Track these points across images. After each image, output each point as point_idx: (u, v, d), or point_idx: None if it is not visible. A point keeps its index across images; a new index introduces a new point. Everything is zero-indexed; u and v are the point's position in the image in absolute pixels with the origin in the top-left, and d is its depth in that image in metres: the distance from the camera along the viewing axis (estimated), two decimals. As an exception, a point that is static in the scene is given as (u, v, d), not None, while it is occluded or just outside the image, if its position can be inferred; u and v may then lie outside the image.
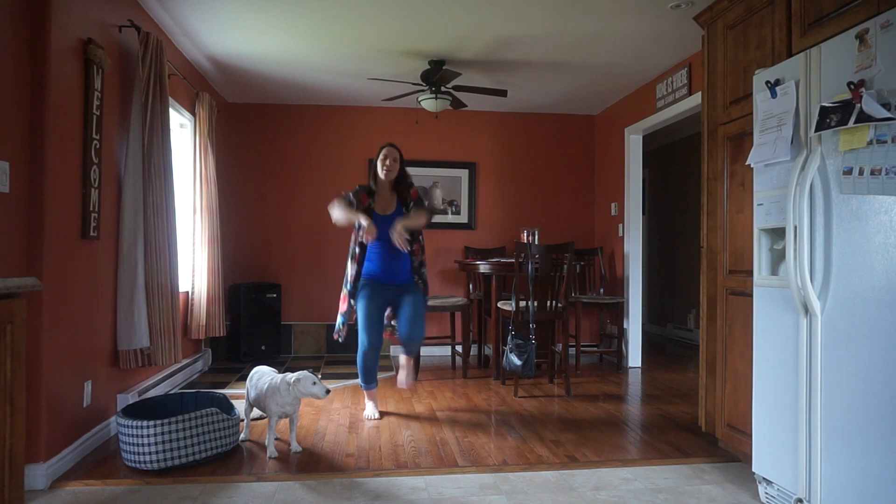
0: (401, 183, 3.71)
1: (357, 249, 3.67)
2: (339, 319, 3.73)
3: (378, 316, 3.58)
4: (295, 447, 3.02)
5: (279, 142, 5.98)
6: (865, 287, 1.93)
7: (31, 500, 2.44)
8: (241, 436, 3.12)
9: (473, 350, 5.71)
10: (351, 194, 3.65)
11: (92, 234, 2.95)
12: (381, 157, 3.64)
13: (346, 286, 3.70)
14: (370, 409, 3.69)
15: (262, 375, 3.10)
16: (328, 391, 2.97)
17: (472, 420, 3.64)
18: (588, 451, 3.06)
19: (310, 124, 6.02)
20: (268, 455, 2.91)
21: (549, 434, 3.35)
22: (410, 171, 5.99)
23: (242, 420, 3.29)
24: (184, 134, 4.72)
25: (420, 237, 3.73)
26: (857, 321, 1.96)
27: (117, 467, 2.77)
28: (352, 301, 3.68)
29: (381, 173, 3.64)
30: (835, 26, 2.22)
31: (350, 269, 3.67)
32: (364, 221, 3.45)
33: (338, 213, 3.53)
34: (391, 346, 6.02)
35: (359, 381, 3.74)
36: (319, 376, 4.83)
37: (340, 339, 3.74)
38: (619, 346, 5.37)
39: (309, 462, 2.88)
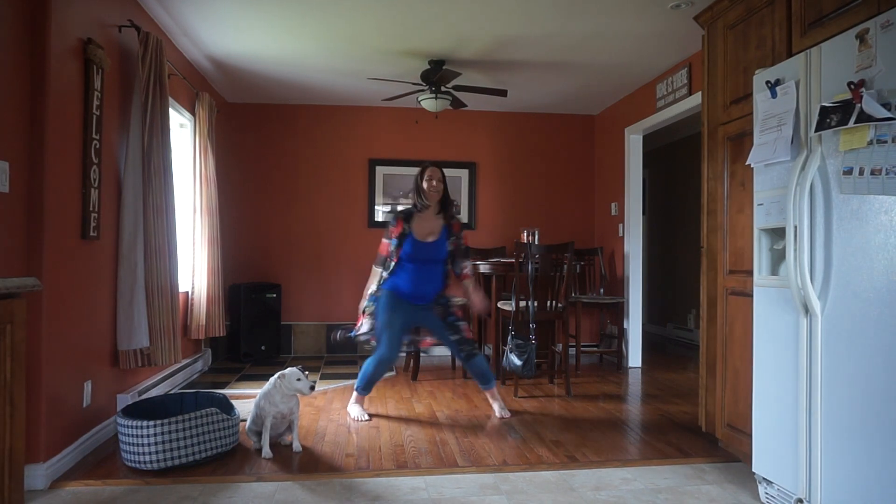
0: (446, 206, 3.65)
1: (391, 264, 3.59)
2: (361, 329, 3.65)
3: (401, 332, 3.57)
4: (296, 447, 3.02)
5: (279, 142, 5.98)
6: (865, 287, 1.93)
7: (31, 500, 2.44)
8: (265, 452, 2.91)
9: (473, 350, 5.70)
10: (389, 226, 3.61)
11: (92, 234, 2.95)
12: (425, 177, 3.58)
13: (369, 301, 3.64)
14: (357, 411, 3.65)
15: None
16: (313, 387, 2.97)
17: (472, 420, 3.63)
18: (588, 451, 3.06)
19: (310, 124, 6.02)
20: (262, 456, 2.91)
21: (549, 434, 3.35)
22: (410, 171, 6.07)
23: (244, 424, 3.28)
24: (184, 134, 4.72)
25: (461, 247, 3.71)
26: (857, 321, 1.96)
27: (117, 467, 2.77)
28: (373, 316, 3.62)
29: (427, 196, 3.57)
30: (835, 26, 2.22)
31: (374, 286, 3.64)
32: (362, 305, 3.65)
33: (365, 294, 3.64)
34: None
35: (356, 383, 3.68)
36: (319, 376, 4.85)
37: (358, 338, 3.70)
38: (619, 346, 5.37)
39: (309, 462, 2.88)
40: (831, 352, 2.07)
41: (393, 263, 3.58)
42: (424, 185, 3.58)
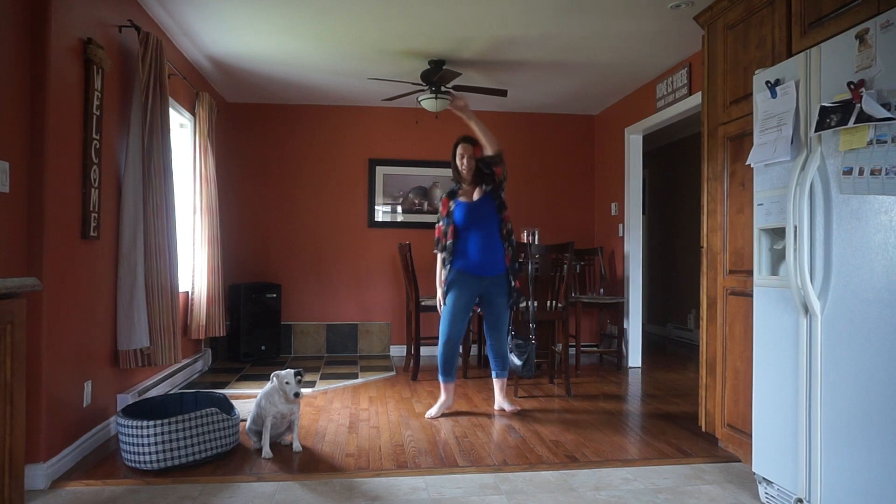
0: (481, 172, 3.71)
1: (450, 244, 3.65)
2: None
3: (464, 311, 3.63)
4: (296, 447, 3.02)
5: (279, 142, 5.98)
6: (865, 287, 1.93)
7: (31, 500, 2.44)
8: (265, 452, 2.91)
9: (473, 350, 5.71)
10: (439, 210, 3.77)
11: (92, 234, 2.95)
12: (457, 154, 3.69)
13: (440, 288, 3.72)
14: (435, 407, 3.71)
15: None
16: (297, 394, 2.92)
17: (472, 420, 3.63)
18: (588, 451, 3.06)
19: (310, 124, 6.02)
20: (262, 456, 2.91)
21: (549, 434, 3.35)
22: (410, 171, 6.08)
23: (245, 427, 3.28)
24: (184, 134, 4.72)
25: (505, 206, 3.72)
26: (857, 321, 1.96)
27: (117, 467, 2.77)
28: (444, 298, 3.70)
29: (462, 171, 3.68)
30: (835, 26, 2.22)
31: (442, 273, 3.71)
32: (440, 294, 3.72)
33: (438, 284, 3.72)
34: (391, 346, 6.03)
35: (438, 374, 3.73)
36: (319, 376, 4.85)
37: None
38: (619, 346, 5.37)
39: (309, 462, 2.88)
40: (831, 352, 2.07)
41: (451, 241, 3.66)
42: (458, 163, 3.70)
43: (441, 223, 3.74)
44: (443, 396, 3.74)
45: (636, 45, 4.29)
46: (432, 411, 3.71)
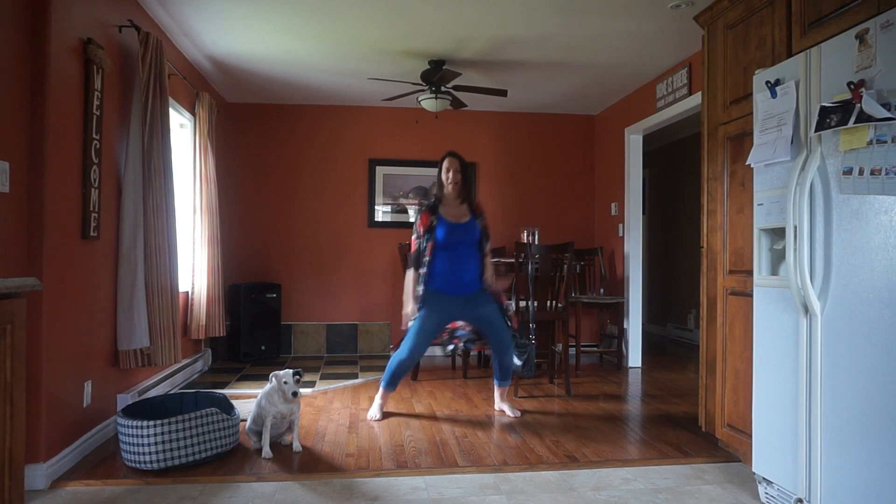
0: (468, 190, 3.65)
1: (426, 260, 3.53)
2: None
3: (433, 331, 3.57)
4: (296, 447, 3.02)
5: (279, 142, 5.98)
6: (865, 287, 1.93)
7: (31, 500, 2.44)
8: (265, 452, 2.91)
9: (473, 350, 5.70)
10: (415, 224, 3.60)
11: (92, 234, 2.95)
12: (444, 168, 3.60)
13: (413, 303, 3.58)
14: (375, 409, 3.68)
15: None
16: (295, 393, 2.91)
17: (472, 420, 3.63)
18: (588, 451, 3.06)
19: (310, 124, 6.02)
20: (262, 456, 2.90)
21: (549, 434, 3.35)
22: (410, 171, 6.08)
23: (245, 426, 3.28)
24: (184, 134, 4.72)
25: (488, 237, 3.70)
26: (857, 321, 1.96)
27: (117, 467, 2.77)
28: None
29: (448, 187, 3.59)
30: (835, 26, 2.22)
31: (416, 287, 3.58)
32: (408, 309, 3.57)
33: (407, 299, 3.59)
34: (391, 346, 6.03)
35: (381, 380, 3.69)
36: (319, 376, 4.85)
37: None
38: (619, 346, 5.37)
39: (309, 462, 2.88)
40: (831, 352, 2.07)
41: (428, 259, 3.54)
42: (444, 177, 3.62)
43: (415, 237, 3.60)
44: (379, 401, 3.69)
45: (636, 45, 4.29)
46: (374, 412, 3.66)
